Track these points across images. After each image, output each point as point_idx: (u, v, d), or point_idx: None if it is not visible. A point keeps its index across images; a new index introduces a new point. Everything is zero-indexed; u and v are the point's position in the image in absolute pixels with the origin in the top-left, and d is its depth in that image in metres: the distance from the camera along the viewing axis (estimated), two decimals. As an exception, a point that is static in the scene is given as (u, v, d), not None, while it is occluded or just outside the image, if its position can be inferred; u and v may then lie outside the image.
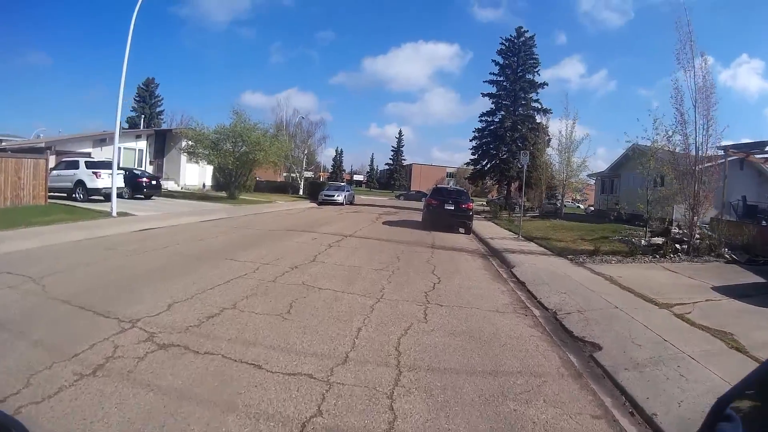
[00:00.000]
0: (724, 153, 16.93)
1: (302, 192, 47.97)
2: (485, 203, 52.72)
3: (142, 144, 35.60)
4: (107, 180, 20.36)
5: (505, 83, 44.67)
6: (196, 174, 38.68)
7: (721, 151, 16.38)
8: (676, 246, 13.62)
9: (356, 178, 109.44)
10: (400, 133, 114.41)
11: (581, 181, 37.42)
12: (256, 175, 42.96)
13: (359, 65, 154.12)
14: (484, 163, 45.40)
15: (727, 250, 13.17)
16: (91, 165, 20.33)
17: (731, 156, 18.50)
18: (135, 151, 34.56)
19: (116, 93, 16.85)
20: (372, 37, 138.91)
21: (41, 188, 18.18)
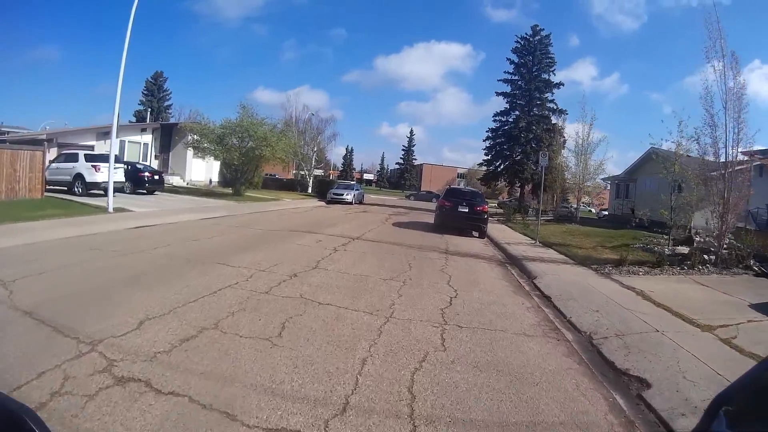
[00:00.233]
0: (749, 158, 15.99)
1: (311, 190, 47.13)
2: (497, 205, 51.61)
3: (147, 138, 34.89)
4: (107, 174, 19.71)
5: (519, 82, 43.68)
6: (203, 169, 37.89)
7: (745, 157, 15.48)
8: (704, 257, 12.74)
9: (366, 177, 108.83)
10: (411, 133, 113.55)
11: (597, 185, 36.29)
12: (264, 171, 42.26)
13: (372, 64, 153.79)
14: (498, 164, 44.41)
15: (755, 262, 12.34)
16: (90, 158, 19.56)
17: (755, 161, 17.55)
18: (140, 144, 33.92)
19: (126, 86, 16.10)
20: (385, 36, 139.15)
21: (37, 181, 17.61)
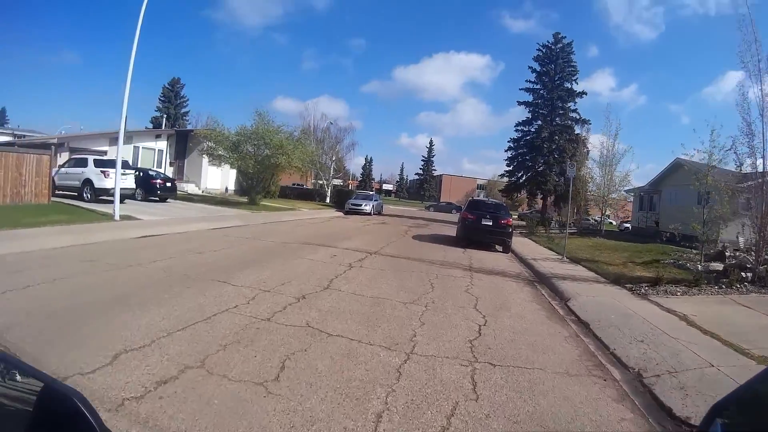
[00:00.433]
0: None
1: (329, 200, 46.28)
2: (517, 217, 50.28)
3: (162, 144, 34.49)
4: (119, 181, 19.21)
5: (541, 91, 42.65)
6: (219, 177, 37.32)
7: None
8: (741, 274, 11.74)
9: (385, 187, 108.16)
10: (431, 143, 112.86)
11: (621, 198, 34.99)
12: (281, 180, 41.54)
13: (391, 74, 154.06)
14: (520, 174, 43.24)
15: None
16: (100, 163, 18.95)
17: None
18: (154, 151, 33.52)
19: (145, 92, 15.59)
20: (404, 46, 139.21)
21: (44, 186, 17.04)
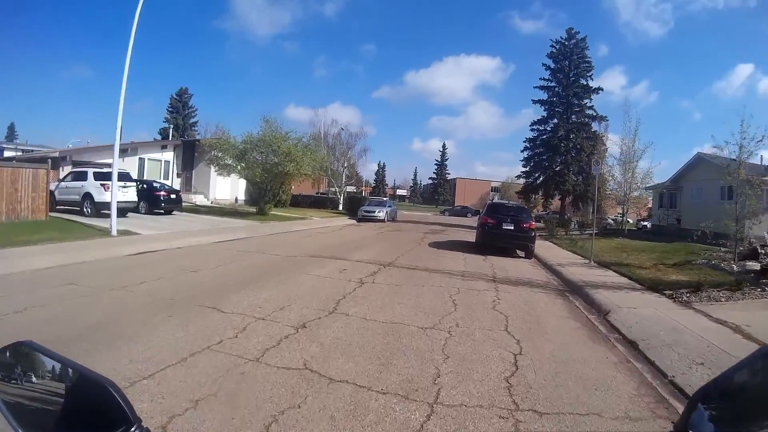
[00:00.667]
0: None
1: (342, 207, 45.18)
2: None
3: (168, 155, 33.68)
4: (119, 194, 18.22)
5: (557, 88, 41.34)
6: (228, 187, 36.39)
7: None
8: None
9: (399, 192, 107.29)
10: (443, 147, 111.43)
11: (641, 196, 33.66)
12: (292, 188, 40.66)
13: (402, 79, 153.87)
14: (537, 175, 41.81)
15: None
16: (100, 176, 18.10)
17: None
18: (160, 162, 32.76)
19: (158, 102, 14.91)
20: (414, 51, 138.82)
21: (41, 201, 16.26)
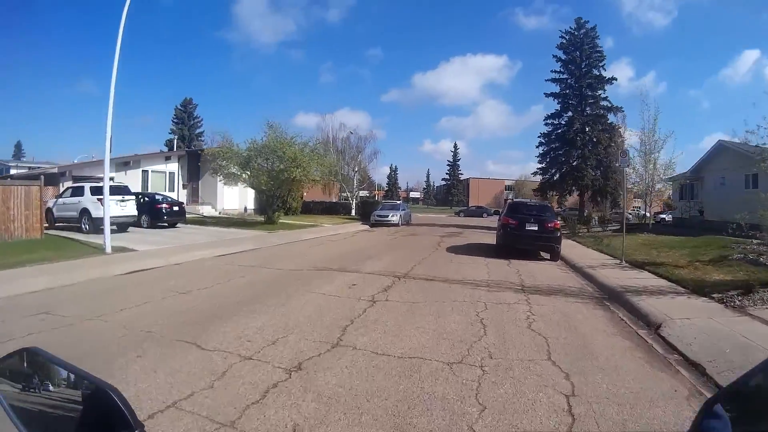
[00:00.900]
0: None
1: (354, 212, 44.14)
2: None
3: (172, 166, 32.81)
4: (116, 208, 17.44)
5: (569, 80, 40.05)
6: (236, 197, 35.34)
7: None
8: None
9: (413, 195, 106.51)
10: (455, 147, 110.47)
11: (664, 188, 32.46)
12: (304, 195, 39.87)
13: (410, 81, 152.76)
14: (553, 171, 40.35)
15: None
16: (97, 191, 17.17)
17: None
18: (165, 174, 31.93)
19: (163, 116, 13.89)
20: (420, 52, 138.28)
21: (35, 219, 15.55)
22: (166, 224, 21.47)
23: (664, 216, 40.29)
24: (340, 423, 3.64)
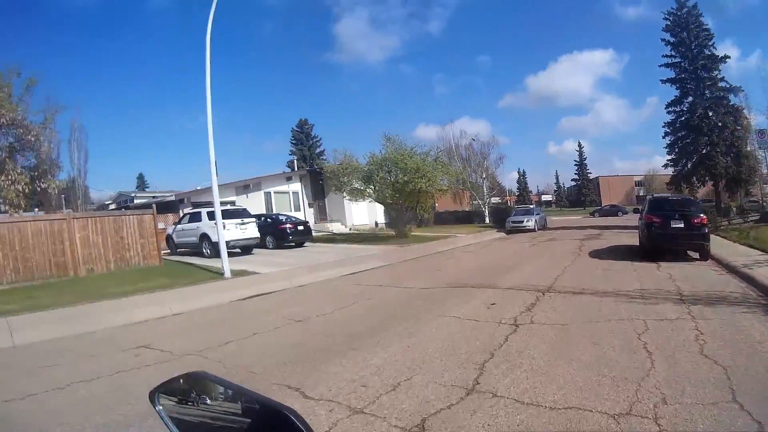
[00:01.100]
0: None
1: (488, 220, 42.45)
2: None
3: (295, 186, 33.31)
4: (236, 231, 17.65)
5: (682, 63, 35.58)
6: (365, 212, 35.10)
7: None
8: None
9: (544, 198, 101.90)
10: (580, 146, 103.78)
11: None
12: (437, 205, 39.13)
13: (523, 85, 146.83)
14: (684, 161, 35.90)
15: None
16: (213, 215, 17.34)
17: None
18: (288, 194, 32.48)
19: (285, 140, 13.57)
20: (528, 54, 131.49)
21: (152, 247, 16.07)
22: (293, 244, 21.35)
23: None
24: None
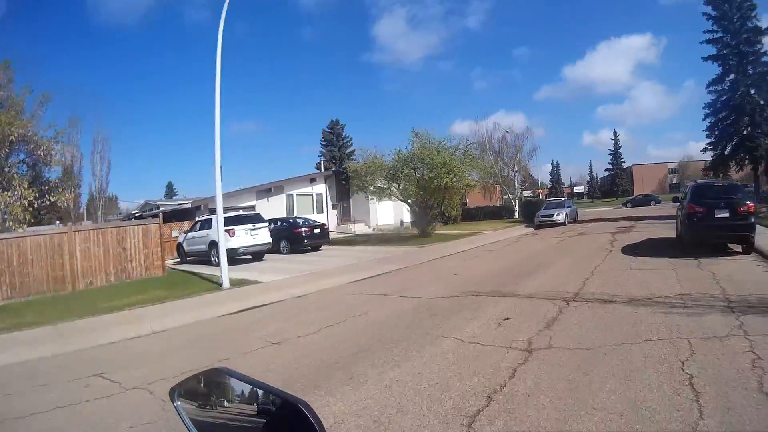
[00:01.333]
0: None
1: (518, 214, 40.70)
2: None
3: (319, 188, 32.42)
4: (247, 237, 16.88)
5: (724, 38, 32.63)
6: (390, 211, 33.97)
7: None
8: None
9: (577, 189, 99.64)
10: (615, 134, 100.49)
11: None
12: (467, 201, 37.54)
13: (561, 75, 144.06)
14: (724, 144, 33.17)
15: None
16: (224, 222, 16.46)
17: None
18: (311, 196, 31.68)
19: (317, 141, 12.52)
20: (565, 44, 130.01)
21: (156, 257, 15.46)
22: (309, 248, 20.44)
23: None
24: None
